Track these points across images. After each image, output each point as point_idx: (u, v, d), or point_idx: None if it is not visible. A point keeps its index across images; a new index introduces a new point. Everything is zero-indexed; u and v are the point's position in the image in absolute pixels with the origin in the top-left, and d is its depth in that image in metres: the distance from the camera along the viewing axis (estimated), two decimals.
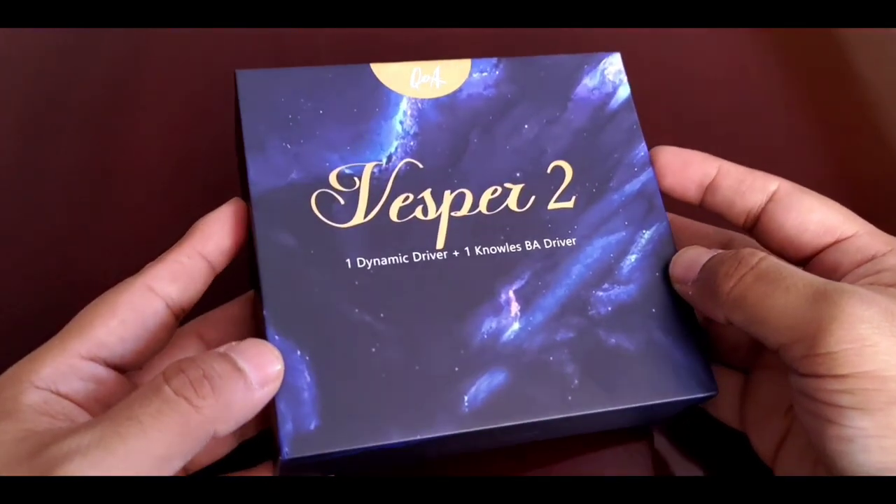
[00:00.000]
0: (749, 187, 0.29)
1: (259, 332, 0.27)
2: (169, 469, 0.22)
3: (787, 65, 0.46)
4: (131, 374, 0.27)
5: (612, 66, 0.32)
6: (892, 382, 0.22)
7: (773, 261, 0.25)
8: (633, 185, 0.30)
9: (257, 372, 0.24)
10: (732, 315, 0.26)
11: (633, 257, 0.29)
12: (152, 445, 0.21)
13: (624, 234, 0.29)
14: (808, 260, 0.29)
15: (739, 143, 0.32)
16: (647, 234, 0.29)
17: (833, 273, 0.27)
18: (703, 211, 0.31)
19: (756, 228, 0.29)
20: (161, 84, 0.45)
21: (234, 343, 0.24)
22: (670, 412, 0.30)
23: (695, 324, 0.29)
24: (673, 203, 0.31)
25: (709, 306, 0.27)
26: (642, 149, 0.31)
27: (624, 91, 0.32)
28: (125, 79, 0.45)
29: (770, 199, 0.29)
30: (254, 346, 0.24)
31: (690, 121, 0.44)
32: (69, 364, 0.25)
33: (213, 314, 0.30)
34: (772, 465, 0.28)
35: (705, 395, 0.28)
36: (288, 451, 0.24)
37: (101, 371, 0.26)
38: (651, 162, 0.31)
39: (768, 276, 0.25)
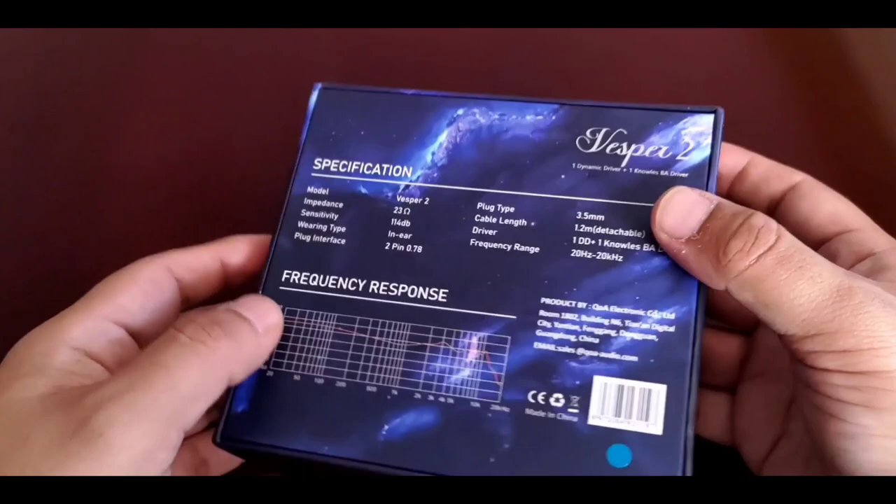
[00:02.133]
0: (776, 176, 0.29)
1: None
2: (196, 410, 0.23)
3: (787, 65, 0.46)
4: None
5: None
6: None
7: (792, 240, 0.24)
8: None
9: (260, 320, 0.25)
10: (739, 293, 0.24)
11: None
12: (178, 385, 0.22)
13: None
14: (814, 248, 0.28)
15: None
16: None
17: (833, 261, 0.27)
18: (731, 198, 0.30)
19: (773, 214, 0.30)
20: (159, 84, 0.45)
21: (231, 302, 0.26)
22: None
23: None
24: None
25: (707, 274, 0.25)
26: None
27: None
28: (123, 79, 0.45)
29: (791, 188, 0.29)
30: (252, 299, 0.26)
31: None
32: (98, 326, 0.26)
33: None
34: (759, 470, 0.28)
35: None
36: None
37: (125, 336, 0.26)
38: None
39: (791, 261, 0.23)
